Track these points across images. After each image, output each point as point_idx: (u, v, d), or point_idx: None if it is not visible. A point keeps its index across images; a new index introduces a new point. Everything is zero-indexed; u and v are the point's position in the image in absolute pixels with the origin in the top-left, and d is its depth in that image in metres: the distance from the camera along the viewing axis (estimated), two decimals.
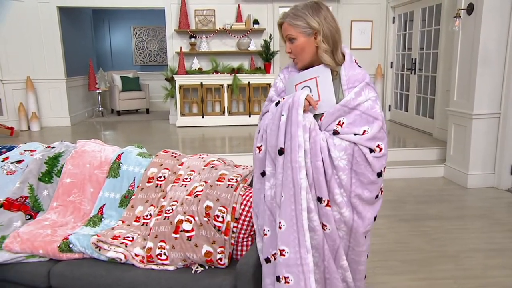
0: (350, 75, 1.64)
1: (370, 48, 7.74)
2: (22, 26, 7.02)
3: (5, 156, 2.71)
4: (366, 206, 1.65)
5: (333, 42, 1.66)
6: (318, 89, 1.65)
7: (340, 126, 1.60)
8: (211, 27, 7.39)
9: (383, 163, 1.65)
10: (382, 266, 2.93)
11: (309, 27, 1.63)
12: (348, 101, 1.60)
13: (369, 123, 1.60)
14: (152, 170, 2.51)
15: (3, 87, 7.01)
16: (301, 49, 1.67)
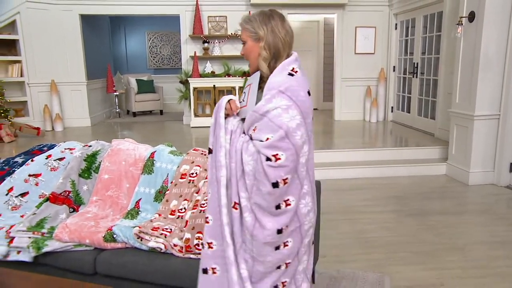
0: (270, 82, 1.59)
1: (374, 52, 7.81)
2: (47, 33, 7.12)
3: (48, 154, 2.80)
4: (267, 216, 1.56)
5: (275, 52, 1.62)
6: (248, 95, 1.66)
7: (254, 131, 1.57)
8: (223, 33, 7.48)
9: (280, 174, 1.50)
10: (394, 257, 3.01)
11: (256, 33, 1.63)
12: (258, 107, 1.56)
13: (274, 131, 1.50)
14: (184, 167, 2.60)
15: (29, 90, 7.11)
16: (249, 52, 1.67)
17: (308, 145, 1.60)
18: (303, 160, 1.57)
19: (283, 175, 1.51)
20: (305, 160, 1.58)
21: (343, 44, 7.77)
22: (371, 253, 3.10)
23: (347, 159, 5.38)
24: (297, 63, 1.64)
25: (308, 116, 1.58)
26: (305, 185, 1.62)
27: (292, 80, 1.57)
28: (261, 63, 1.64)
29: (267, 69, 1.64)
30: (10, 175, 2.66)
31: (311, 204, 1.65)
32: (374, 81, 7.91)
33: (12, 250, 2.28)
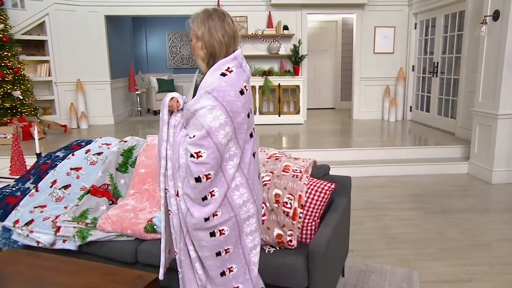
0: (202, 82, 1.64)
1: (393, 52, 7.79)
2: (73, 33, 7.28)
3: (87, 149, 2.90)
4: (196, 205, 1.64)
5: (211, 52, 1.65)
6: (189, 92, 1.76)
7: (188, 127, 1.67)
8: (244, 33, 7.54)
9: (202, 170, 1.57)
10: (421, 253, 3.03)
11: (195, 32, 1.67)
12: (189, 105, 1.64)
13: (198, 130, 1.56)
14: None
15: (56, 89, 7.29)
16: (193, 50, 1.71)
17: (237, 141, 1.64)
18: (227, 155, 1.62)
19: (205, 171, 1.58)
20: (229, 155, 1.63)
21: (362, 44, 7.76)
22: (397, 249, 3.12)
23: (368, 158, 5.39)
24: (234, 62, 1.65)
25: (238, 115, 1.60)
26: (237, 177, 1.68)
27: (222, 81, 1.59)
28: (198, 61, 1.70)
29: (205, 67, 1.68)
30: (53, 168, 2.77)
31: (247, 195, 1.70)
32: (393, 81, 7.88)
33: (59, 239, 2.38)
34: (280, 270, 2.02)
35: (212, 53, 1.66)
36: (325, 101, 9.90)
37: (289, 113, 7.61)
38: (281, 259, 2.06)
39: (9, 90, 5.95)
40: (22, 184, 2.74)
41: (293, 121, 7.51)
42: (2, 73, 5.85)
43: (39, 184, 2.69)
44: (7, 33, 6.02)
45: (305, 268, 1.98)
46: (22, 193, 2.65)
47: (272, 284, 2.04)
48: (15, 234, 2.46)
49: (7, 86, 5.91)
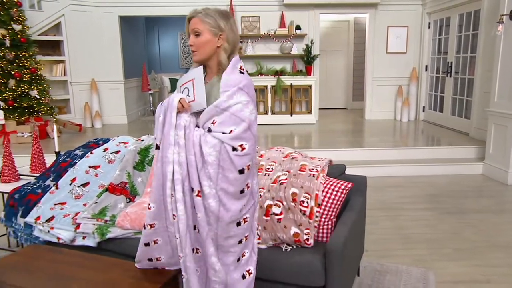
0: (226, 80, 1.69)
1: (406, 52, 7.73)
2: (88, 33, 7.37)
3: (105, 147, 2.94)
4: (232, 199, 1.69)
5: (232, 47, 1.73)
6: (194, 90, 1.71)
7: (213, 124, 1.68)
8: (256, 33, 7.56)
9: (245, 162, 1.66)
10: (437, 253, 3.02)
11: (217, 27, 1.70)
12: (219, 102, 1.66)
13: (236, 124, 1.65)
14: None
15: (71, 88, 7.39)
16: (204, 44, 1.71)
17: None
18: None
19: (247, 162, 1.68)
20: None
21: (375, 44, 7.72)
22: (412, 249, 3.11)
23: (381, 158, 5.37)
24: (241, 62, 1.77)
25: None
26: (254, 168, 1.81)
27: (246, 78, 1.72)
28: (222, 54, 1.71)
29: (227, 61, 1.72)
30: (72, 166, 2.81)
31: (257, 181, 1.85)
32: (405, 81, 7.83)
33: (78, 235, 2.42)
34: (297, 268, 2.03)
35: (233, 48, 1.74)
36: (336, 101, 9.87)
37: (301, 113, 7.61)
38: (298, 258, 2.06)
39: (27, 89, 6.05)
40: (42, 181, 2.79)
41: (305, 121, 7.50)
42: (20, 73, 5.95)
43: (59, 181, 2.73)
44: (25, 34, 6.13)
45: (322, 267, 1.99)
46: (43, 190, 2.70)
47: (289, 282, 2.05)
48: (36, 230, 2.51)
49: (24, 86, 6.02)
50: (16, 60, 5.98)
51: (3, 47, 5.89)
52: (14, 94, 5.95)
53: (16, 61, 5.99)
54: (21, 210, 2.61)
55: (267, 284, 2.11)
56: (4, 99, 5.91)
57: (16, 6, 6.06)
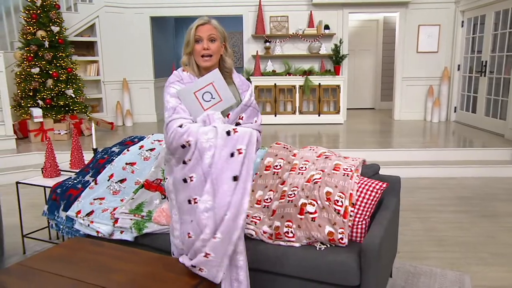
0: (241, 81, 2.01)
1: (437, 51, 7.56)
2: (120, 34, 7.57)
3: (141, 145, 3.02)
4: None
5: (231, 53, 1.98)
6: (218, 91, 1.83)
7: (241, 119, 1.92)
8: (285, 32, 7.56)
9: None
10: (473, 257, 2.94)
11: (223, 35, 1.90)
12: (247, 101, 1.93)
13: (257, 115, 1.99)
14: (268, 160, 2.70)
15: (104, 87, 7.60)
16: (218, 50, 1.87)
17: None
18: None
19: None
20: None
21: (405, 43, 7.58)
22: (446, 252, 3.04)
23: (411, 158, 5.27)
24: None
25: None
26: None
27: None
28: (228, 60, 1.93)
29: (232, 64, 1.97)
30: (110, 163, 2.90)
31: None
32: (436, 80, 7.65)
33: (116, 230, 2.50)
34: (332, 267, 2.03)
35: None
36: (364, 101, 9.75)
37: (329, 112, 7.56)
38: (332, 257, 2.06)
39: (63, 89, 6.27)
40: (82, 177, 2.89)
41: (333, 121, 7.45)
42: (57, 73, 6.17)
43: (98, 177, 2.83)
44: (62, 35, 6.35)
45: (357, 266, 1.98)
46: (83, 185, 2.80)
47: (324, 281, 2.05)
48: (77, 224, 2.60)
49: (61, 85, 6.23)
50: (54, 61, 6.21)
51: (42, 48, 6.12)
52: (52, 93, 6.18)
53: (54, 61, 6.21)
54: (62, 204, 2.72)
55: (302, 282, 2.12)
56: (43, 98, 6.14)
57: (55, 8, 6.29)
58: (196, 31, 1.84)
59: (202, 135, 1.72)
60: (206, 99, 1.81)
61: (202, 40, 1.83)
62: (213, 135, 1.72)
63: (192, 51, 1.87)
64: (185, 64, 1.92)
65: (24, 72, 6.12)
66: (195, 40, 1.84)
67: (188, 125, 1.76)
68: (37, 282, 1.80)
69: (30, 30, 6.11)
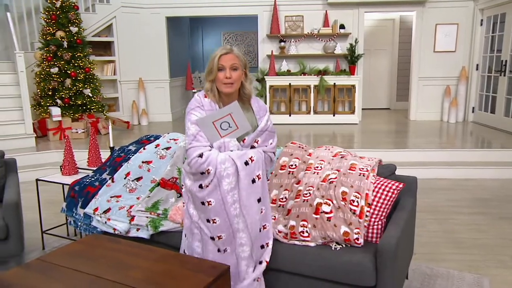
0: (259, 107, 2.16)
1: (455, 50, 7.43)
2: (136, 34, 7.65)
3: (157, 143, 3.04)
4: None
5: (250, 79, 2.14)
6: (235, 121, 2.01)
7: (256, 143, 2.10)
8: (300, 32, 7.53)
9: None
10: (492, 260, 2.89)
11: (244, 63, 2.05)
12: (263, 127, 2.10)
13: (272, 137, 2.16)
14: (283, 159, 2.69)
15: (120, 87, 7.70)
16: (238, 78, 2.02)
17: None
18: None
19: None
20: None
21: (421, 42, 7.48)
22: (464, 254, 2.99)
23: (428, 159, 5.20)
24: None
25: None
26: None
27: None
28: (249, 86, 2.09)
29: (251, 90, 2.13)
30: (127, 161, 2.93)
31: None
32: (454, 80, 7.52)
33: (133, 227, 2.53)
34: (347, 268, 2.01)
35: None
36: (380, 101, 9.65)
37: (343, 112, 7.50)
38: (347, 257, 2.05)
39: (81, 88, 6.37)
40: (99, 175, 2.93)
41: (347, 121, 7.39)
42: (75, 73, 6.27)
43: (115, 175, 2.86)
44: (80, 36, 6.45)
45: (373, 267, 1.96)
46: (100, 183, 2.84)
47: (339, 281, 2.04)
48: (94, 221, 2.64)
49: (79, 84, 6.33)
50: (72, 61, 6.31)
51: (61, 48, 6.23)
52: (70, 93, 6.28)
53: (72, 61, 6.31)
54: (80, 201, 2.76)
55: (317, 282, 2.11)
56: (61, 97, 6.25)
57: (73, 9, 6.39)
58: (219, 60, 1.98)
59: (220, 165, 1.94)
60: (224, 128, 2.01)
61: (224, 69, 1.98)
62: (230, 164, 1.95)
63: (215, 79, 2.00)
64: (207, 90, 2.06)
65: (44, 72, 6.24)
66: (218, 68, 1.98)
67: (207, 153, 1.95)
68: (56, 277, 1.83)
69: (49, 31, 6.23)
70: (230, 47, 2.04)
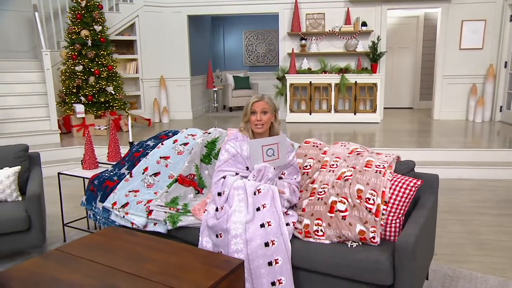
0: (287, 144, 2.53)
1: (482, 48, 7.21)
2: (158, 32, 7.76)
3: (175, 139, 3.07)
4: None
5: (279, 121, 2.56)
6: (279, 151, 2.40)
7: (283, 175, 2.51)
8: (321, 30, 7.46)
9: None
10: None
11: (275, 109, 2.48)
12: (290, 160, 2.51)
13: (297, 173, 2.55)
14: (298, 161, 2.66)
15: (142, 85, 7.82)
16: (268, 120, 2.45)
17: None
18: None
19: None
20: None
21: (447, 40, 7.28)
22: (488, 256, 2.89)
23: (452, 159, 5.06)
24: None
25: None
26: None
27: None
28: (277, 127, 2.51)
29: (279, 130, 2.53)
30: (145, 156, 2.97)
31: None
32: (480, 78, 7.29)
33: (150, 222, 2.56)
34: (363, 265, 1.97)
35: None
36: (402, 100, 9.45)
37: (365, 111, 7.39)
38: (364, 254, 2.01)
39: (104, 86, 6.50)
40: (118, 169, 2.98)
41: (369, 120, 7.28)
42: (99, 71, 6.41)
43: (133, 170, 2.90)
44: (104, 34, 6.58)
45: (390, 265, 1.92)
46: (119, 177, 2.88)
47: (356, 279, 2.01)
48: (113, 215, 2.68)
49: (102, 82, 6.47)
50: (96, 59, 6.45)
51: (85, 46, 6.37)
52: (93, 90, 6.42)
53: (96, 59, 6.45)
54: (99, 195, 2.81)
55: (333, 280, 2.09)
56: (85, 95, 6.40)
57: (98, 9, 6.53)
58: (252, 106, 2.43)
59: (234, 191, 2.32)
60: (269, 154, 2.38)
61: (256, 113, 2.42)
62: (242, 192, 2.30)
63: (248, 120, 2.45)
64: (241, 128, 2.53)
65: (69, 70, 6.39)
66: (251, 112, 2.43)
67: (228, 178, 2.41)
68: (73, 267, 1.87)
69: (75, 30, 6.38)
70: (262, 95, 2.49)
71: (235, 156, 2.46)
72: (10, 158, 3.07)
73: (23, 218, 2.71)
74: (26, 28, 6.95)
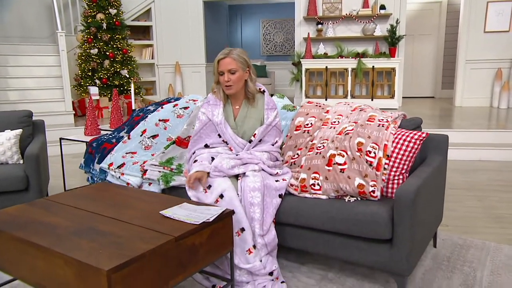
0: (268, 101, 2.27)
1: (508, 30, 6.84)
2: (174, 19, 7.74)
3: (175, 103, 3.00)
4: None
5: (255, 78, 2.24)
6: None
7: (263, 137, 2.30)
8: (338, 14, 7.26)
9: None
10: None
11: (247, 64, 2.16)
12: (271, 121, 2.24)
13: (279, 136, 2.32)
14: (299, 119, 2.53)
15: (158, 71, 7.83)
16: (238, 80, 2.15)
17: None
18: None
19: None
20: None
21: (470, 22, 6.95)
22: (504, 228, 2.69)
23: (472, 140, 4.80)
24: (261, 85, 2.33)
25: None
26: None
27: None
28: (252, 85, 2.20)
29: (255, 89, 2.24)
30: (144, 119, 2.91)
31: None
32: (506, 63, 6.93)
33: (145, 182, 2.49)
34: (360, 218, 1.84)
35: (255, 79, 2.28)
36: (423, 89, 9.12)
37: (382, 97, 7.14)
38: (362, 208, 1.88)
39: (118, 69, 6.52)
40: (117, 133, 2.93)
41: (387, 106, 7.01)
42: (113, 54, 6.43)
43: (131, 132, 2.84)
44: (119, 18, 6.60)
45: (389, 218, 1.78)
46: (117, 140, 2.83)
47: (353, 234, 1.87)
48: (109, 176, 2.63)
49: (116, 65, 6.49)
50: (110, 42, 6.48)
51: (101, 30, 6.41)
52: (108, 73, 6.45)
53: (111, 42, 6.48)
54: (97, 157, 2.77)
55: (328, 236, 1.96)
56: (100, 78, 6.44)
57: None
58: (218, 66, 2.16)
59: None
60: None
61: (224, 73, 2.13)
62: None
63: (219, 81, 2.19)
64: (213, 90, 2.28)
65: (85, 54, 6.45)
66: (218, 73, 2.17)
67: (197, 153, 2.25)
68: (55, 212, 1.81)
69: (90, 13, 6.43)
70: (229, 50, 2.17)
71: (206, 125, 2.23)
72: (13, 122, 3.07)
73: (21, 177, 2.69)
74: (45, 14, 7.06)
